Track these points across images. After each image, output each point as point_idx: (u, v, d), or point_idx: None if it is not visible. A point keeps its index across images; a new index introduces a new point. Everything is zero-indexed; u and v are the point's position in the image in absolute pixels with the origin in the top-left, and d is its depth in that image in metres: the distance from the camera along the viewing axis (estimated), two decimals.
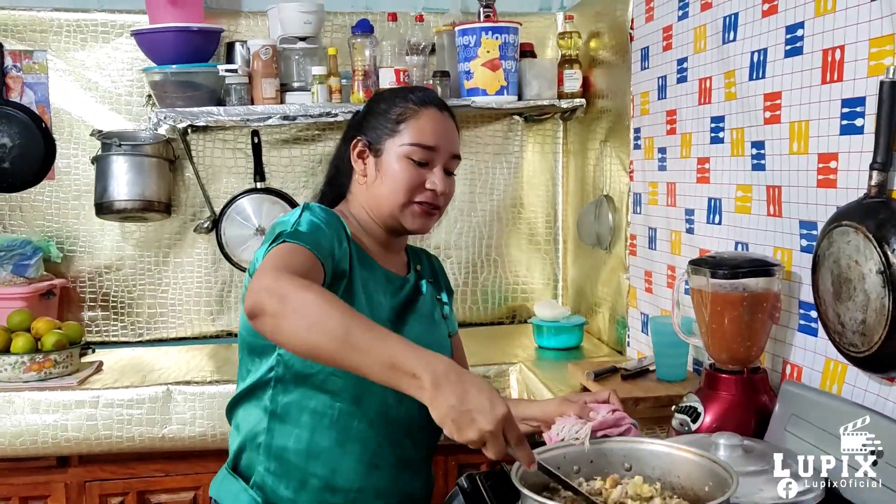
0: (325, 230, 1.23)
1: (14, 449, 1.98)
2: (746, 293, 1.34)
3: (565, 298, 2.74)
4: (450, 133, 1.38)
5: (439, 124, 1.36)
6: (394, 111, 1.36)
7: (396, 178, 1.33)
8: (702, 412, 1.37)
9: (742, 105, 1.51)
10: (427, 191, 1.34)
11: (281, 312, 1.01)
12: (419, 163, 1.33)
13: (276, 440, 1.29)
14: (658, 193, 1.93)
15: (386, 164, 1.34)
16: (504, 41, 2.33)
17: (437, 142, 1.34)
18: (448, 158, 1.36)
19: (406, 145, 1.33)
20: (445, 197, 1.37)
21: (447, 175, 1.37)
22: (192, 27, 2.25)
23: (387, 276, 1.37)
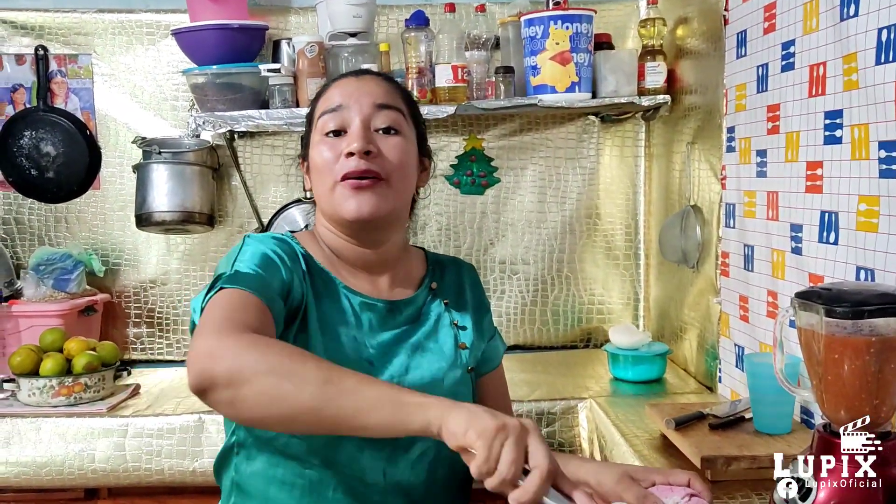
0: (271, 259, 1.04)
1: (39, 479, 1.85)
2: (874, 337, 1.03)
3: (647, 321, 2.44)
4: (363, 86, 1.14)
5: (347, 85, 1.15)
6: (311, 105, 1.20)
7: (316, 163, 1.13)
8: (813, 488, 1.07)
9: (866, 96, 1.21)
10: (345, 158, 1.09)
11: (238, 378, 0.83)
12: (334, 133, 1.12)
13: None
14: (756, 205, 1.62)
15: (311, 159, 1.15)
16: (576, 31, 2.06)
17: (344, 99, 1.12)
18: (370, 110, 1.12)
19: (317, 122, 1.14)
20: (379, 160, 1.10)
21: (384, 134, 1.12)
22: (232, 24, 2.09)
23: (366, 304, 1.13)
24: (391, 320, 1.15)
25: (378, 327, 1.13)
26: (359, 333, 1.11)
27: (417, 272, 1.25)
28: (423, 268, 1.27)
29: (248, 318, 0.92)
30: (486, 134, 2.41)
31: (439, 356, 1.17)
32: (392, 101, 1.14)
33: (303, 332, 1.06)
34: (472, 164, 2.41)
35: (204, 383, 0.85)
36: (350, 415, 0.81)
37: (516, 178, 2.43)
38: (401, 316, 1.17)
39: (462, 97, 2.08)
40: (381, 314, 1.14)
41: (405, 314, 1.17)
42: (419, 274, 1.25)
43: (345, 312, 1.11)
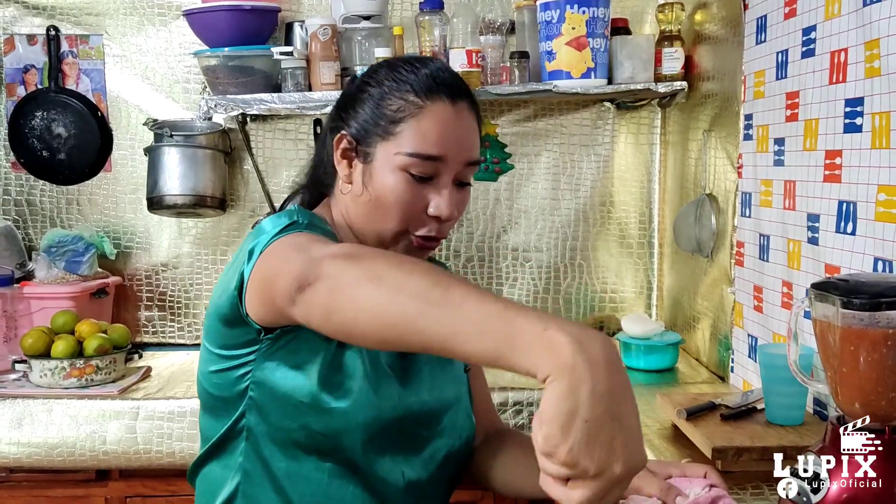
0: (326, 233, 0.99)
1: (51, 460, 1.86)
2: (892, 329, 1.01)
3: (660, 310, 2.42)
4: (465, 134, 1.04)
5: (450, 125, 1.03)
6: (389, 103, 1.03)
7: (389, 199, 1.02)
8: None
9: (889, 83, 1.18)
10: (429, 218, 1.03)
11: (346, 274, 0.74)
12: (420, 177, 1.02)
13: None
14: (773, 194, 1.59)
15: (377, 176, 1.03)
16: (592, 16, 2.02)
17: (446, 149, 1.02)
18: (461, 167, 1.04)
19: (403, 155, 1.01)
20: (452, 221, 1.05)
21: (459, 188, 1.06)
22: (244, 6, 2.07)
23: None
24: None
25: None
26: None
27: None
28: None
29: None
30: (499, 119, 2.38)
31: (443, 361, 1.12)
32: (477, 153, 1.08)
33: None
34: (485, 151, 2.39)
35: (310, 278, 0.77)
36: (449, 336, 0.67)
37: (530, 164, 2.41)
38: None
39: (476, 82, 2.06)
40: None
41: None
42: None
43: None
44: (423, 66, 1.07)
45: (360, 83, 1.10)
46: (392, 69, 1.07)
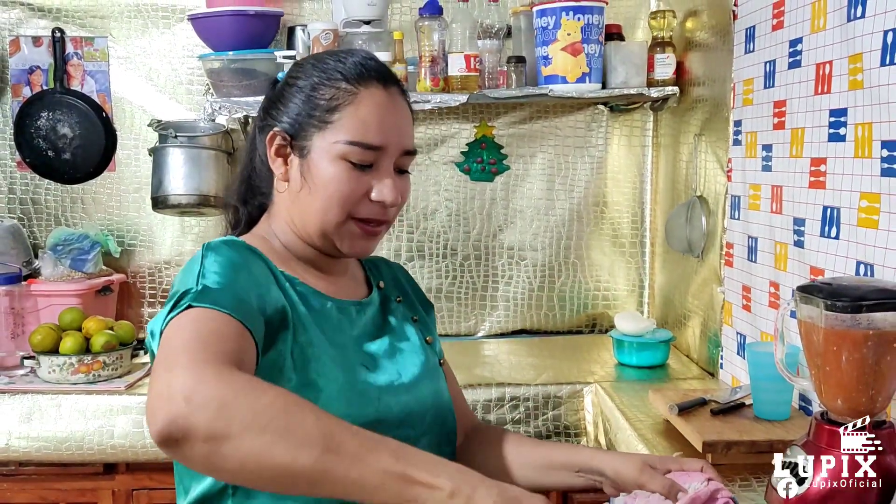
0: (240, 266, 0.93)
1: (60, 454, 1.91)
2: (872, 331, 1.07)
3: (651, 308, 2.49)
4: (400, 120, 1.05)
5: (386, 110, 1.03)
6: (322, 93, 1.02)
7: (330, 188, 1.01)
8: (810, 473, 1.12)
9: (871, 96, 1.24)
10: (371, 203, 1.03)
11: (221, 432, 0.70)
12: (360, 165, 1.02)
13: None
14: (761, 198, 1.66)
15: (315, 168, 1.01)
16: (587, 22, 2.09)
17: (385, 137, 1.02)
18: (399, 156, 1.05)
19: (342, 143, 1.00)
20: (395, 207, 1.05)
21: (399, 175, 1.06)
22: (248, 11, 2.12)
23: (339, 308, 1.06)
24: (359, 322, 1.09)
25: (353, 329, 1.07)
26: (344, 338, 1.04)
27: (358, 273, 1.19)
28: (361, 269, 1.20)
29: (227, 348, 0.79)
30: (496, 121, 2.44)
31: (415, 354, 1.12)
32: (412, 141, 1.08)
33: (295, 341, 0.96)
34: (482, 152, 2.44)
35: (176, 433, 0.71)
36: (349, 490, 0.73)
37: (525, 165, 2.47)
38: (365, 316, 1.10)
39: (474, 86, 2.11)
40: (352, 316, 1.08)
41: (369, 314, 1.11)
42: (360, 275, 1.19)
43: (329, 318, 1.04)
44: (349, 55, 1.06)
45: (287, 79, 1.08)
46: (318, 61, 1.07)
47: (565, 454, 1.13)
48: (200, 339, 0.78)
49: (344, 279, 1.13)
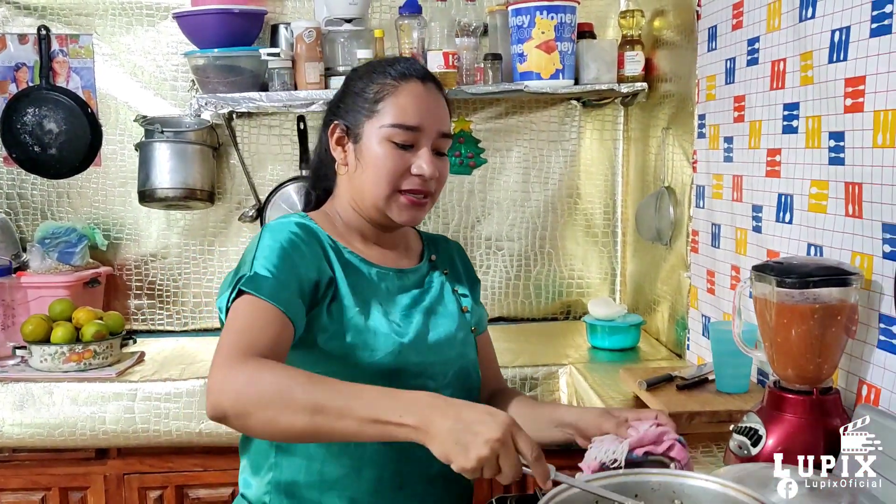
0: (288, 253, 1.13)
1: (53, 440, 1.97)
2: (818, 304, 1.18)
3: (623, 295, 2.59)
4: (436, 108, 1.24)
5: (422, 99, 1.23)
6: (370, 89, 1.24)
7: (378, 165, 1.21)
8: (763, 435, 1.23)
9: (820, 91, 1.35)
10: (413, 177, 1.22)
11: (242, 412, 0.95)
12: (402, 146, 1.21)
13: (285, 475, 1.20)
14: (723, 187, 1.77)
15: (366, 150, 1.22)
16: (560, 21, 2.18)
17: (421, 120, 1.21)
18: (436, 137, 1.23)
19: (386, 127, 1.21)
20: (437, 181, 1.24)
21: (437, 156, 1.24)
22: (233, 9, 2.18)
23: (380, 274, 1.26)
24: (402, 287, 1.28)
25: (395, 292, 1.27)
26: (382, 298, 1.23)
27: (416, 247, 1.39)
28: (420, 243, 1.40)
29: (261, 337, 1.03)
30: (473, 116, 2.53)
31: (449, 318, 1.30)
32: (450, 127, 1.26)
33: (336, 302, 1.17)
34: (460, 146, 2.53)
35: (217, 415, 0.97)
36: (342, 436, 0.94)
37: (502, 159, 2.56)
38: (409, 282, 1.30)
39: (452, 82, 2.20)
40: (393, 281, 1.27)
41: (412, 280, 1.31)
42: (418, 248, 1.39)
43: (369, 282, 1.24)
44: (397, 62, 1.27)
45: (345, 83, 1.31)
46: (370, 66, 1.30)
47: (549, 412, 1.29)
48: (242, 331, 1.03)
49: (395, 251, 1.32)
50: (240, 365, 0.97)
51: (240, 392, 0.95)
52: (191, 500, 2.06)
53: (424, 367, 1.22)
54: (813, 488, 0.99)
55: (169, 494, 2.05)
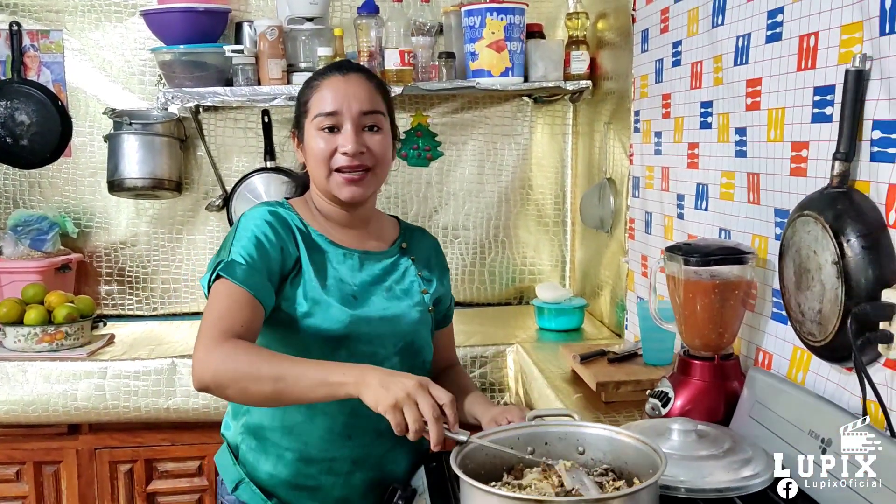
0: (261, 241, 1.30)
1: (27, 416, 2.07)
2: (718, 280, 1.34)
3: (572, 280, 2.75)
4: (353, 92, 1.36)
5: (339, 88, 1.36)
6: (304, 94, 1.40)
7: (313, 153, 1.36)
8: (672, 397, 1.38)
9: (728, 90, 1.50)
10: (341, 155, 1.34)
11: (221, 385, 1.16)
12: (329, 130, 1.35)
13: (254, 419, 1.37)
14: (654, 178, 1.92)
15: (307, 144, 1.39)
16: (510, 22, 2.32)
17: (338, 104, 1.34)
18: (358, 116, 1.35)
19: (312, 119, 1.36)
20: (368, 155, 1.36)
21: (368, 132, 1.36)
22: (198, 7, 2.29)
23: (346, 254, 1.40)
24: (367, 267, 1.41)
25: (357, 271, 1.40)
26: (343, 275, 1.37)
27: (391, 234, 1.51)
28: (397, 232, 1.53)
29: (235, 318, 1.21)
30: (430, 111, 2.66)
31: (406, 298, 1.43)
32: (375, 105, 1.37)
33: (298, 276, 1.34)
34: (417, 139, 2.66)
35: (201, 387, 1.17)
36: (300, 398, 1.16)
37: (458, 152, 2.69)
38: (376, 264, 1.43)
39: (409, 79, 2.33)
40: (357, 261, 1.41)
41: (379, 263, 1.44)
42: (392, 236, 1.51)
43: (331, 260, 1.38)
44: (328, 66, 1.44)
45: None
46: (309, 78, 1.44)
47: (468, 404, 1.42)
48: (220, 314, 1.22)
49: (366, 236, 1.45)
50: (218, 346, 1.17)
51: (218, 369, 1.16)
52: (159, 473, 2.18)
53: (374, 337, 1.35)
54: (701, 435, 1.14)
55: (138, 468, 2.17)
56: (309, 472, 1.35)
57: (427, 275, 1.51)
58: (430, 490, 1.18)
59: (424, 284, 1.49)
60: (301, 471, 1.35)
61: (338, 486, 1.36)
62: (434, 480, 1.23)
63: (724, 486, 1.04)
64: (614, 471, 1.04)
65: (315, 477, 1.35)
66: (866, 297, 1.00)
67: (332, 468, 1.35)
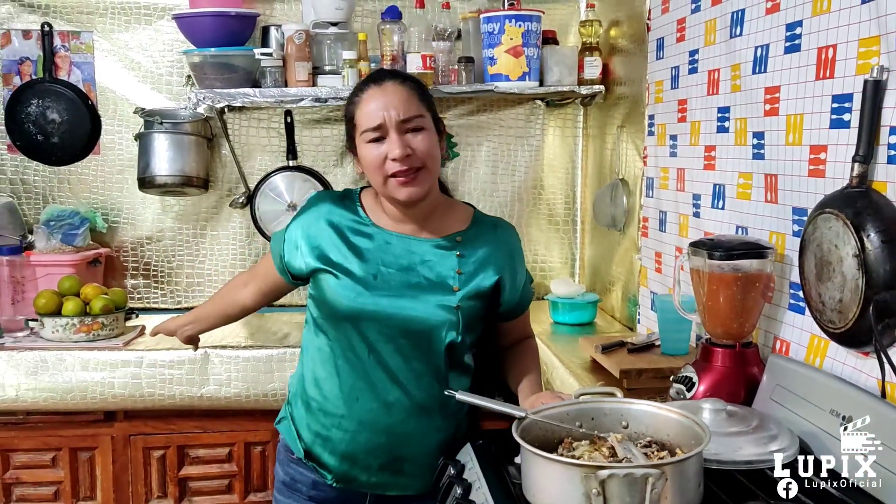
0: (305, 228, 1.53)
1: (65, 403, 2.15)
2: (740, 274, 1.44)
3: (582, 277, 2.86)
4: (391, 102, 1.45)
5: (377, 101, 1.46)
6: (348, 111, 1.52)
7: (367, 164, 1.48)
8: (696, 382, 1.49)
9: (746, 97, 1.61)
10: (391, 161, 1.44)
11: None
12: (377, 140, 1.45)
13: (303, 370, 1.59)
14: (669, 178, 2.03)
15: (361, 157, 1.50)
16: (527, 29, 2.42)
17: (380, 118, 1.45)
18: (398, 123, 1.44)
19: (361, 134, 1.47)
20: (414, 157, 1.45)
21: (412, 133, 1.45)
22: (229, 12, 2.38)
23: (386, 240, 1.51)
24: (406, 252, 1.50)
25: (396, 256, 1.50)
26: (374, 257, 1.49)
27: (456, 226, 1.56)
28: (466, 224, 1.57)
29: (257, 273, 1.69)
30: (447, 113, 2.76)
31: (428, 288, 1.48)
32: (413, 110, 1.46)
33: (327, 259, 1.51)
34: None
35: None
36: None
37: (473, 152, 2.80)
38: (414, 250, 1.51)
39: (430, 82, 2.42)
40: (399, 246, 1.51)
41: (419, 249, 1.51)
42: (458, 227, 1.55)
43: (371, 243, 1.51)
44: (363, 80, 1.54)
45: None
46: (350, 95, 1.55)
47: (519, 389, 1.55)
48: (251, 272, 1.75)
49: (421, 225, 1.53)
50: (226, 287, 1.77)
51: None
52: (191, 459, 2.27)
53: (380, 316, 1.46)
54: (730, 414, 1.25)
55: (171, 454, 2.25)
56: (324, 422, 1.52)
57: (472, 269, 1.52)
58: (479, 464, 1.28)
59: (458, 281, 1.51)
60: (319, 420, 1.53)
61: (344, 442, 1.50)
62: (481, 455, 1.33)
63: (754, 458, 1.14)
64: (657, 443, 1.15)
65: (327, 428, 1.51)
66: (885, 286, 1.11)
67: (341, 424, 1.50)
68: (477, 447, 1.36)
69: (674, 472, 0.97)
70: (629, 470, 0.94)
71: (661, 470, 0.95)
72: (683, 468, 1.00)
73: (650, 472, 0.94)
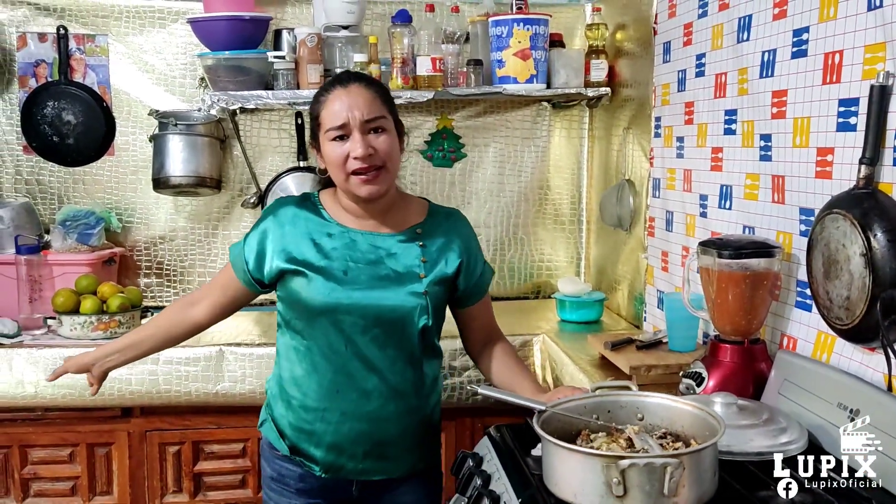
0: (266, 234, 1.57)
1: (83, 399, 2.19)
2: (748, 272, 1.49)
3: (587, 276, 2.90)
4: (355, 103, 1.51)
5: (342, 101, 1.51)
6: (314, 109, 1.57)
7: (330, 161, 1.53)
8: (705, 377, 1.53)
9: (753, 100, 1.65)
10: (353, 159, 1.50)
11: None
12: (340, 139, 1.51)
13: (278, 371, 1.64)
14: (675, 179, 2.07)
15: (324, 153, 1.56)
16: (535, 32, 2.47)
17: (344, 117, 1.50)
18: (362, 123, 1.50)
19: (324, 132, 1.52)
20: (376, 156, 1.50)
21: (374, 134, 1.51)
22: (243, 16, 2.42)
23: (351, 236, 1.56)
24: (371, 247, 1.56)
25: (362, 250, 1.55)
26: (342, 254, 1.54)
27: (412, 219, 1.62)
28: (421, 217, 1.63)
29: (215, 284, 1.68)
30: (455, 115, 2.81)
31: (399, 278, 1.55)
32: (376, 112, 1.51)
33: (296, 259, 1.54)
34: (443, 141, 2.81)
35: None
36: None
37: (480, 153, 2.84)
38: (378, 244, 1.57)
39: (439, 84, 2.47)
40: (363, 242, 1.56)
41: (383, 243, 1.57)
42: (414, 221, 1.62)
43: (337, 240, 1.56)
44: (329, 80, 1.58)
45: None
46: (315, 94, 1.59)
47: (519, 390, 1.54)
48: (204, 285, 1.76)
49: (381, 221, 1.59)
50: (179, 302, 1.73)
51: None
52: (206, 454, 2.31)
53: (355, 308, 1.52)
54: (741, 408, 1.30)
55: (186, 449, 2.29)
56: (307, 417, 1.56)
57: (434, 257, 1.59)
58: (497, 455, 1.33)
59: (424, 269, 1.58)
60: (301, 416, 1.57)
61: (329, 433, 1.55)
62: (498, 448, 1.37)
63: (765, 449, 1.19)
64: (671, 434, 1.19)
65: (311, 423, 1.56)
66: (891, 284, 1.15)
67: (324, 417, 1.55)
68: (493, 438, 1.40)
69: (691, 461, 1.02)
70: (649, 459, 0.99)
71: (679, 459, 0.99)
72: (700, 458, 1.04)
73: (669, 461, 0.99)
